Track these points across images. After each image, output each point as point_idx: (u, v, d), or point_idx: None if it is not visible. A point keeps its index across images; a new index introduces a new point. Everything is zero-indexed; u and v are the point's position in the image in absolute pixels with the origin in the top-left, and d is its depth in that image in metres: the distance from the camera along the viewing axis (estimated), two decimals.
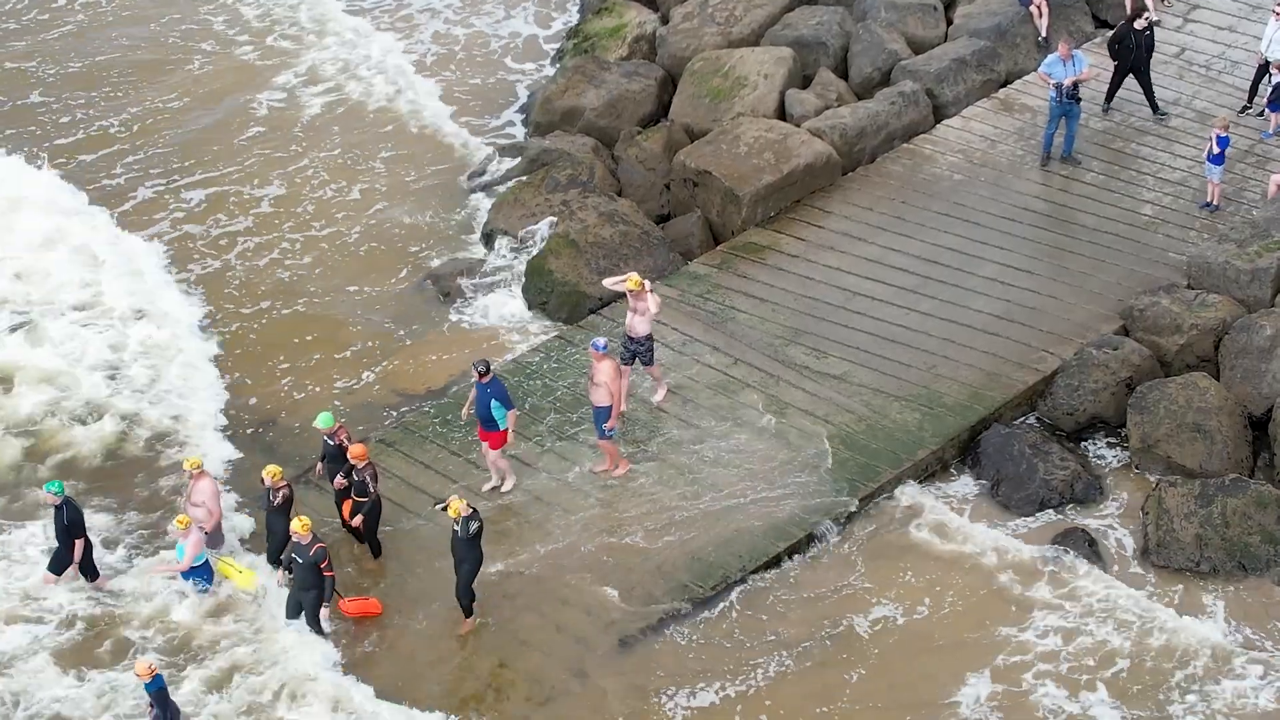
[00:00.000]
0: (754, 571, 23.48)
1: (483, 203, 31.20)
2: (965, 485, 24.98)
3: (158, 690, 20.79)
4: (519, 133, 33.61)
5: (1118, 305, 27.19)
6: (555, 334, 27.83)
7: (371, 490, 23.37)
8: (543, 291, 28.63)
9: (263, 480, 23.33)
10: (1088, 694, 21.80)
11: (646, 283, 25.38)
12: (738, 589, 23.30)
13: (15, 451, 25.80)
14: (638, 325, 25.36)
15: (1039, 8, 33.39)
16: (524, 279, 29.00)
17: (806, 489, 24.47)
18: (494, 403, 23.91)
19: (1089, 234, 28.88)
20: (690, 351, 26.95)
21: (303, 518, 22.31)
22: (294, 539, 22.26)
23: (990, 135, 31.38)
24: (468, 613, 22.79)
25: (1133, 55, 30.83)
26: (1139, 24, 30.56)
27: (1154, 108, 31.34)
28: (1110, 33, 32.33)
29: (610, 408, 24.34)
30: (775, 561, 23.66)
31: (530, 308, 28.66)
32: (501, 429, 24.17)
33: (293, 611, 22.80)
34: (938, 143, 31.33)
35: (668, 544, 23.77)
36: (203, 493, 23.48)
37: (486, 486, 24.70)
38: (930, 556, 23.78)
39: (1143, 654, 22.28)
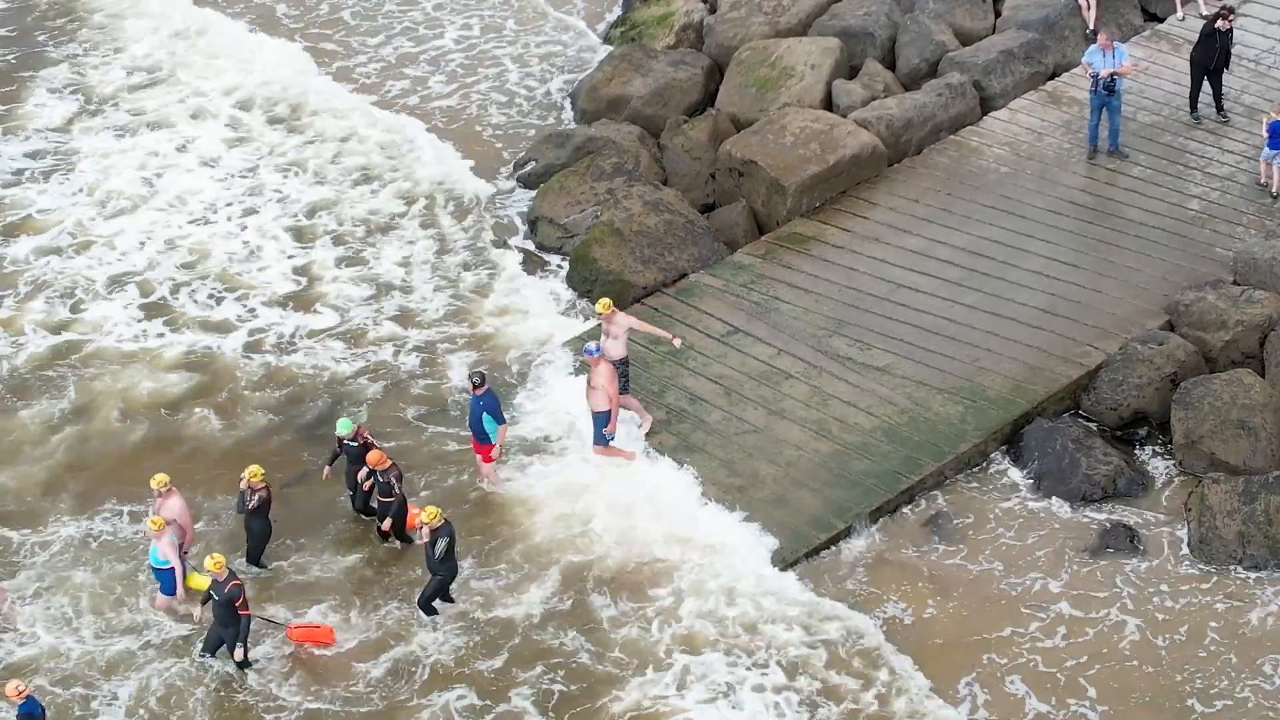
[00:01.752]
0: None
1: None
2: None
3: (26, 714, 20.58)
4: (565, 120, 33.66)
5: (1163, 300, 27.10)
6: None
7: (396, 490, 23.42)
8: (587, 280, 28.68)
9: (241, 480, 23.22)
10: None
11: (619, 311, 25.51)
12: None
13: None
14: (610, 349, 25.02)
15: (1088, 0, 33.26)
16: (568, 266, 29.09)
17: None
18: (485, 415, 23.87)
19: (1135, 228, 28.79)
20: (733, 342, 26.98)
21: (215, 555, 21.78)
22: (211, 575, 21.72)
23: (1037, 128, 31.29)
24: (428, 611, 22.88)
25: (1215, 57, 30.52)
26: (1221, 24, 30.26)
27: (1219, 107, 31.07)
28: (1159, 26, 32.19)
29: (609, 412, 24.34)
30: None
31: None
32: (492, 442, 24.20)
33: (211, 645, 22.30)
34: (984, 135, 31.26)
35: None
36: (171, 510, 22.99)
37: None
38: None
39: None
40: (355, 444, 23.96)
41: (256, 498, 23.21)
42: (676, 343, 25.79)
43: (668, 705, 21.66)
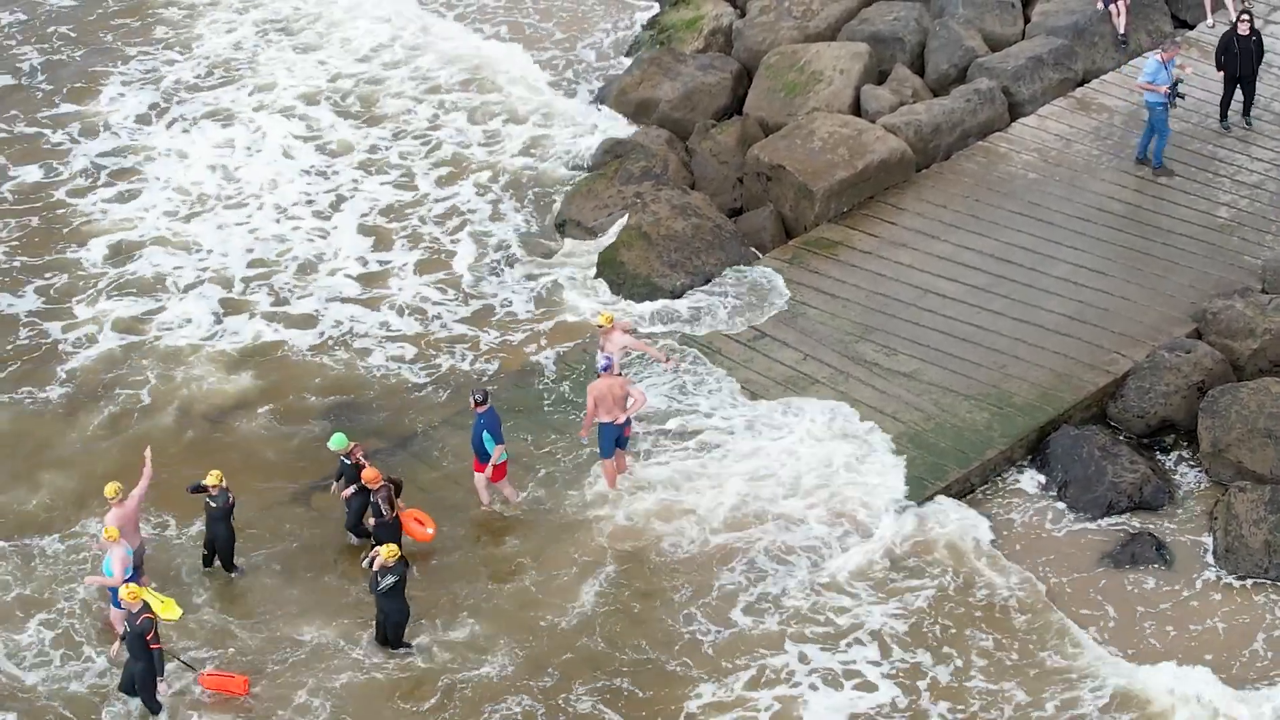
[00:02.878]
0: None
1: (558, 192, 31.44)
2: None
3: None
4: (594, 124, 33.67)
5: (1191, 308, 27.06)
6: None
7: (385, 514, 23.01)
8: (614, 283, 28.72)
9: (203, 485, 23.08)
10: None
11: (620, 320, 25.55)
12: None
13: None
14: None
15: (1118, 6, 33.19)
16: (595, 269, 29.13)
17: None
18: (485, 434, 23.70)
19: (1163, 236, 28.74)
20: (760, 346, 26.99)
21: (130, 585, 21.15)
22: (124, 606, 21.10)
23: (1066, 134, 31.26)
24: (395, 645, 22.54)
25: (1239, 62, 30.46)
26: (1242, 29, 30.18)
27: (1246, 110, 31.02)
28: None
29: (610, 424, 24.18)
30: None
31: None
32: (493, 461, 23.93)
33: (126, 684, 21.63)
34: (1013, 141, 31.24)
35: None
36: (119, 519, 22.46)
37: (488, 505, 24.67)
38: None
39: None
40: (348, 461, 23.59)
41: (217, 505, 23.00)
42: (668, 366, 25.76)
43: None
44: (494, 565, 23.80)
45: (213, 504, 23.11)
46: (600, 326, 25.18)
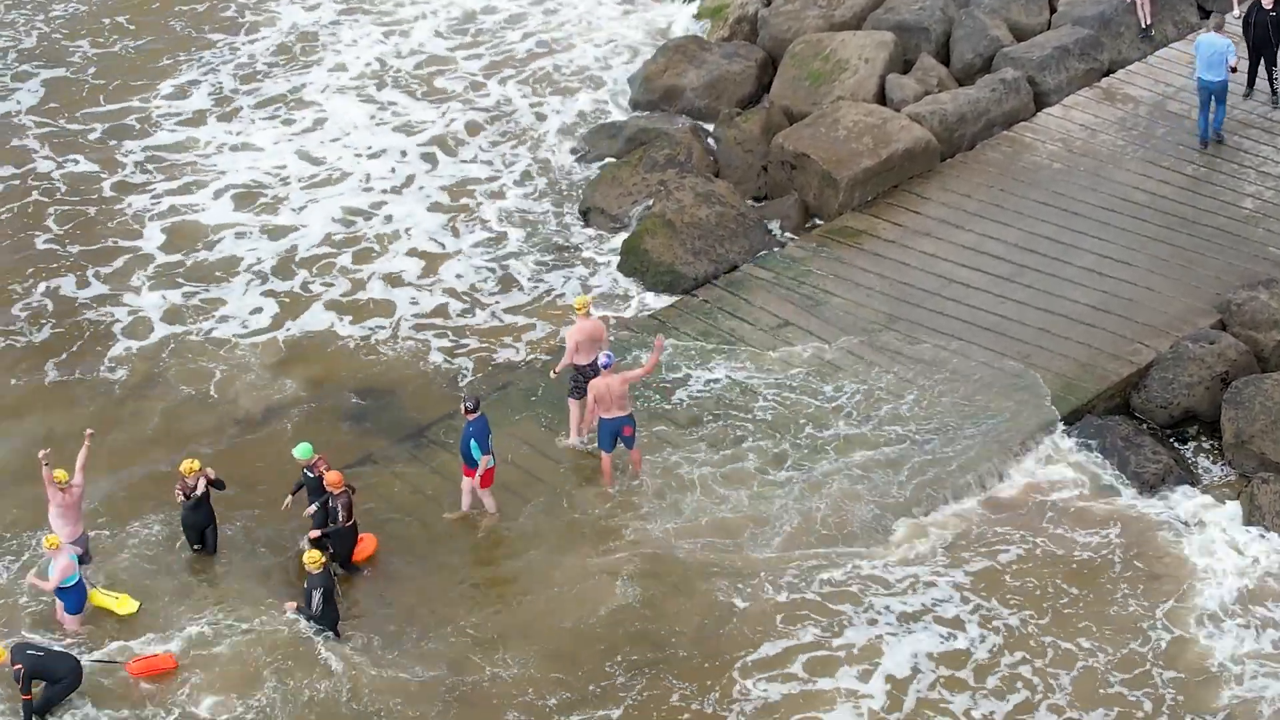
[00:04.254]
0: None
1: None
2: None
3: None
4: (618, 111, 33.75)
5: (1215, 299, 27.02)
6: (649, 313, 27.99)
7: (342, 519, 22.78)
8: (638, 270, 28.77)
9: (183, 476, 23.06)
10: None
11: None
12: None
13: None
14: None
15: None
16: (619, 257, 29.18)
17: None
18: (472, 443, 23.43)
19: (1188, 226, 28.71)
20: (783, 335, 27.02)
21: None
22: None
23: (1091, 125, 31.23)
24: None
25: (1255, 34, 30.46)
26: (1266, 1, 30.12)
27: (1274, 92, 30.99)
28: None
29: (613, 419, 24.08)
30: None
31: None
32: (479, 469, 23.60)
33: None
34: (1038, 131, 31.22)
35: None
36: (63, 505, 22.58)
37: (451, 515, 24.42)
38: None
39: None
40: (311, 474, 23.24)
41: (193, 494, 23.02)
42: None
43: None
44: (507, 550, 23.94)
45: (195, 492, 23.11)
46: (578, 310, 25.08)
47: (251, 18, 37.06)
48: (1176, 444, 25.35)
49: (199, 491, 23.10)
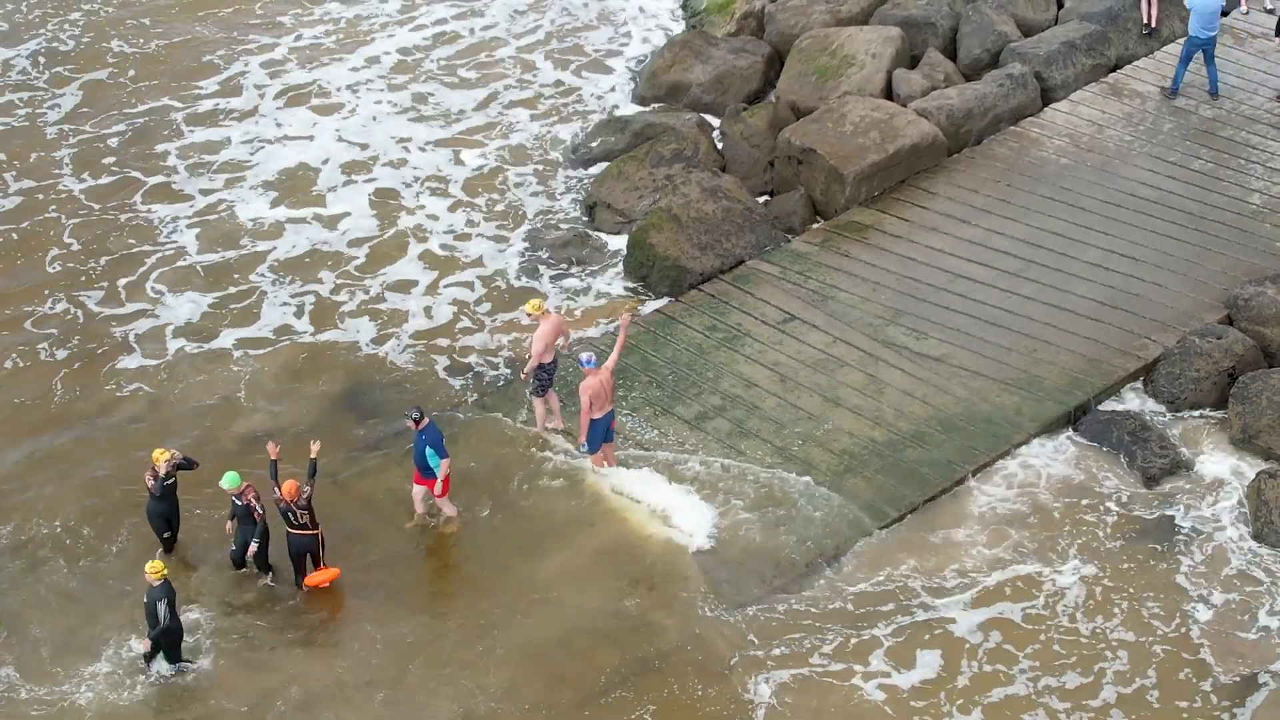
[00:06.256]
0: None
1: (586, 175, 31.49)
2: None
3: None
4: (625, 106, 33.74)
5: (1222, 294, 27.01)
6: (655, 309, 27.98)
7: (307, 523, 22.72)
8: (643, 265, 28.76)
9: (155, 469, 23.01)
10: None
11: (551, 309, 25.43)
12: None
13: None
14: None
15: None
16: (625, 252, 29.16)
17: None
18: (429, 450, 23.31)
19: (1195, 222, 28.69)
20: (790, 329, 27.01)
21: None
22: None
23: (1098, 120, 31.21)
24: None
25: None
26: None
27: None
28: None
29: (604, 416, 24.04)
30: None
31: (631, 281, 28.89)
32: (434, 476, 23.46)
33: None
34: (1045, 126, 31.21)
35: None
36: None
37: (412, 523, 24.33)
38: None
39: None
40: (239, 502, 23.01)
41: (163, 484, 23.01)
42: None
43: None
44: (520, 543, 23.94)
45: (166, 483, 23.10)
46: (530, 314, 24.93)
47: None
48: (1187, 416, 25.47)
49: (169, 482, 23.09)
